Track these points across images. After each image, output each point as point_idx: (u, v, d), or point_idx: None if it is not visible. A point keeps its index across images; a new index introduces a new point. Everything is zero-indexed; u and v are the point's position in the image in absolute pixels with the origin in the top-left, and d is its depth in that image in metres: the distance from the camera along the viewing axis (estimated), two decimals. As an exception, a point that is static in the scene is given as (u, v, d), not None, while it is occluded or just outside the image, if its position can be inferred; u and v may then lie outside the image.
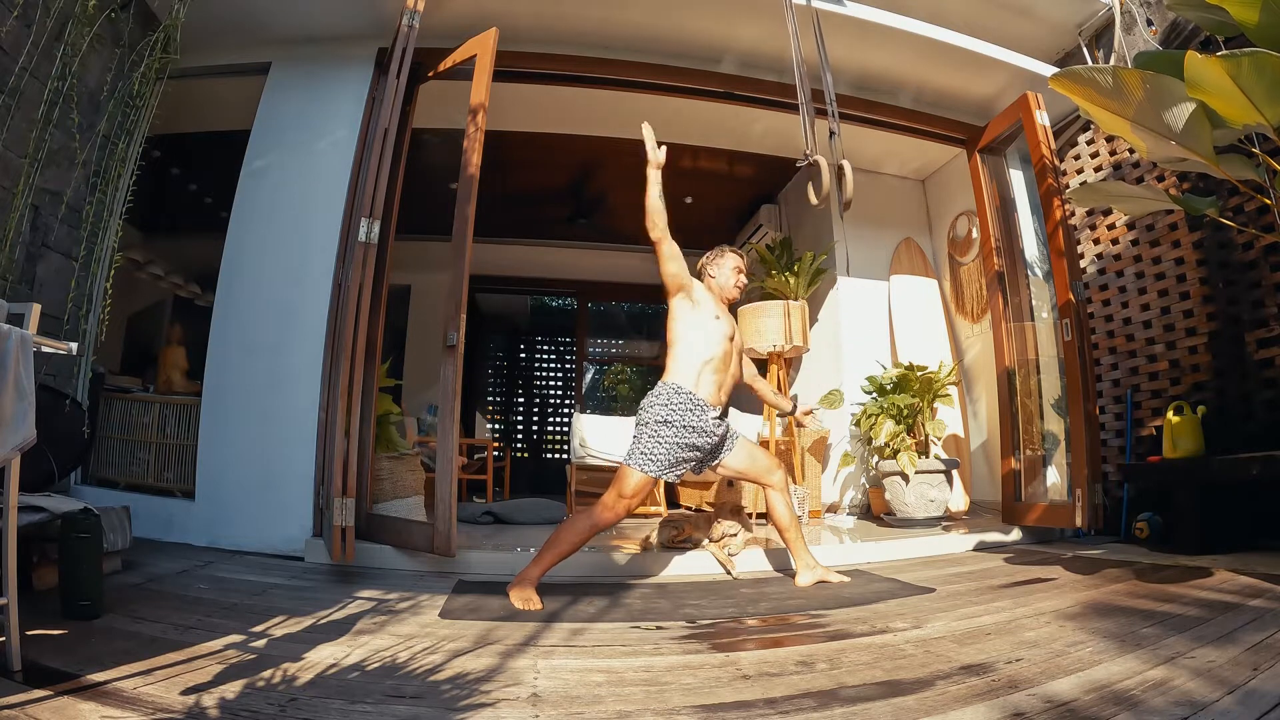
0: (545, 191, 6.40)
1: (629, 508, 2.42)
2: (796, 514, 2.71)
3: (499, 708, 1.31)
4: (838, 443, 4.73)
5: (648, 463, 2.40)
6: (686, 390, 2.44)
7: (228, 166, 3.44)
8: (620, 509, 2.40)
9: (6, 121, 2.50)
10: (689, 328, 2.50)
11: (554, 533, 2.43)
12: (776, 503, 2.62)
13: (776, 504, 2.62)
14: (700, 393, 2.45)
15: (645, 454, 2.41)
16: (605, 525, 2.41)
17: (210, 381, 3.24)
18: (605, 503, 2.41)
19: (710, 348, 2.49)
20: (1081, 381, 3.33)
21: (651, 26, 3.57)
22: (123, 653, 1.53)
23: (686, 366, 2.48)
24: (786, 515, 2.61)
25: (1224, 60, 1.90)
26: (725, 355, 2.53)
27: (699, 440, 2.44)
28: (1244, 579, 2.29)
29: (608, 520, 2.40)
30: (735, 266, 2.70)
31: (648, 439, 2.42)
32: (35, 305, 1.58)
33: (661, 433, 2.41)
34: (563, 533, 2.41)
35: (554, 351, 10.24)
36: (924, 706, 1.29)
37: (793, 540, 2.62)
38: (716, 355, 2.50)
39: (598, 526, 2.40)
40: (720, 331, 2.53)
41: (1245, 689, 1.27)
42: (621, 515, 2.41)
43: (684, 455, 2.44)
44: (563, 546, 2.38)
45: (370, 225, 2.84)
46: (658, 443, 2.41)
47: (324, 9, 3.33)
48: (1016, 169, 4.11)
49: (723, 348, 2.52)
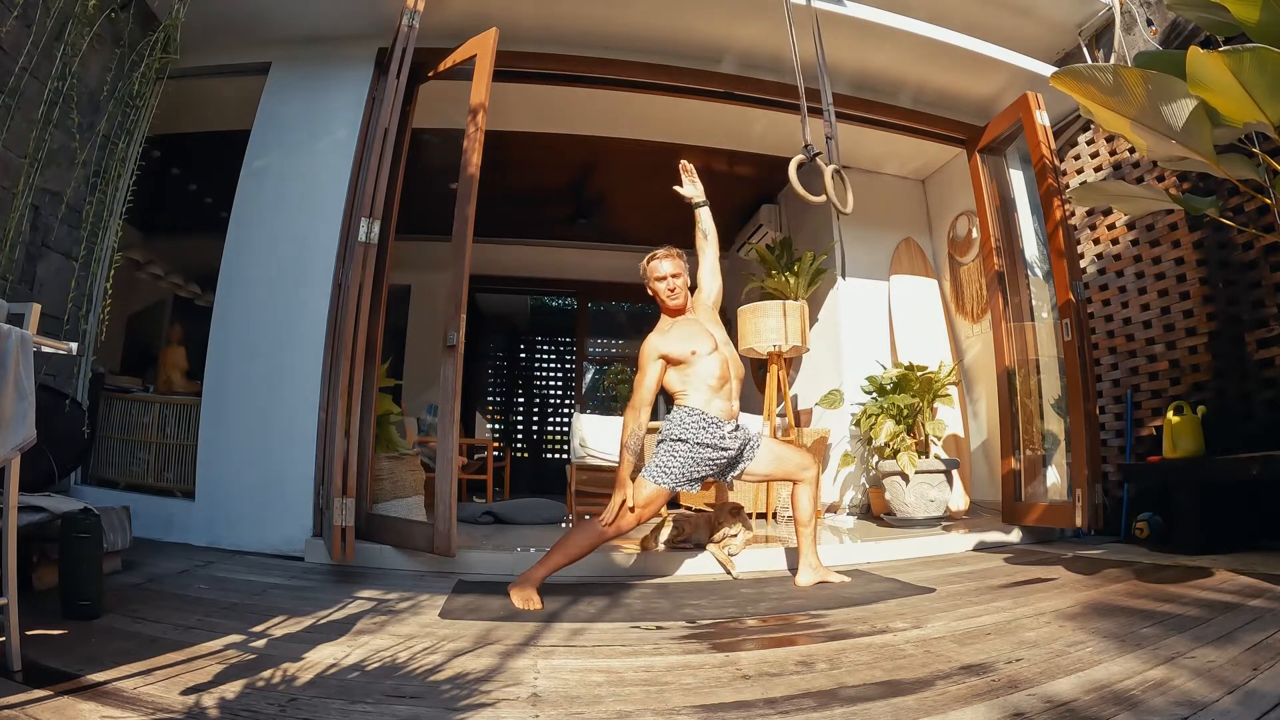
0: (545, 191, 6.40)
1: (640, 518, 2.43)
2: (818, 512, 2.72)
3: (499, 708, 1.31)
4: (838, 443, 4.72)
5: (662, 475, 2.45)
6: (699, 410, 2.49)
7: (228, 166, 3.44)
8: (630, 519, 2.41)
9: (6, 121, 2.50)
10: (683, 382, 2.54)
11: (563, 536, 2.45)
12: (801, 496, 2.62)
13: (801, 497, 2.63)
14: (712, 411, 2.50)
15: (660, 467, 2.46)
16: (615, 535, 2.42)
17: (210, 381, 3.24)
18: (617, 509, 2.41)
19: (710, 376, 2.52)
20: (1081, 381, 3.33)
21: (651, 26, 3.57)
22: (123, 653, 1.53)
23: (695, 396, 2.52)
24: (807, 510, 2.62)
25: (1226, 56, 1.90)
26: (723, 369, 2.54)
27: (714, 455, 2.49)
28: (1244, 579, 2.29)
29: (619, 529, 2.41)
30: (654, 276, 2.63)
31: (664, 454, 2.48)
32: (35, 305, 1.58)
33: (677, 449, 2.47)
34: (572, 536, 2.43)
35: (554, 351, 10.23)
36: (924, 706, 1.29)
37: (805, 537, 2.62)
38: (715, 375, 2.52)
39: (607, 535, 2.42)
40: (712, 362, 2.52)
41: (1245, 689, 1.27)
42: (632, 525, 2.43)
43: (699, 470, 2.48)
44: (571, 550, 2.40)
45: (370, 225, 2.84)
46: (672, 456, 2.46)
47: (324, 9, 3.33)
48: (1016, 169, 4.11)
49: (719, 371, 2.53)
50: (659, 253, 2.67)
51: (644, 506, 2.43)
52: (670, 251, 2.68)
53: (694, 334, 2.56)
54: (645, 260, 2.69)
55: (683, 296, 2.64)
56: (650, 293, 2.68)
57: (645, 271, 2.68)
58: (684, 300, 2.65)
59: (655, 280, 2.64)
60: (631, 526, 2.45)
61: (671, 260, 2.65)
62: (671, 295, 2.62)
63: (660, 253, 2.67)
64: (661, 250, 2.68)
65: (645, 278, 2.68)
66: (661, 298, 2.64)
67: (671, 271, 2.62)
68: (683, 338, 2.54)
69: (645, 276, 2.68)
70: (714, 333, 2.59)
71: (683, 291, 2.64)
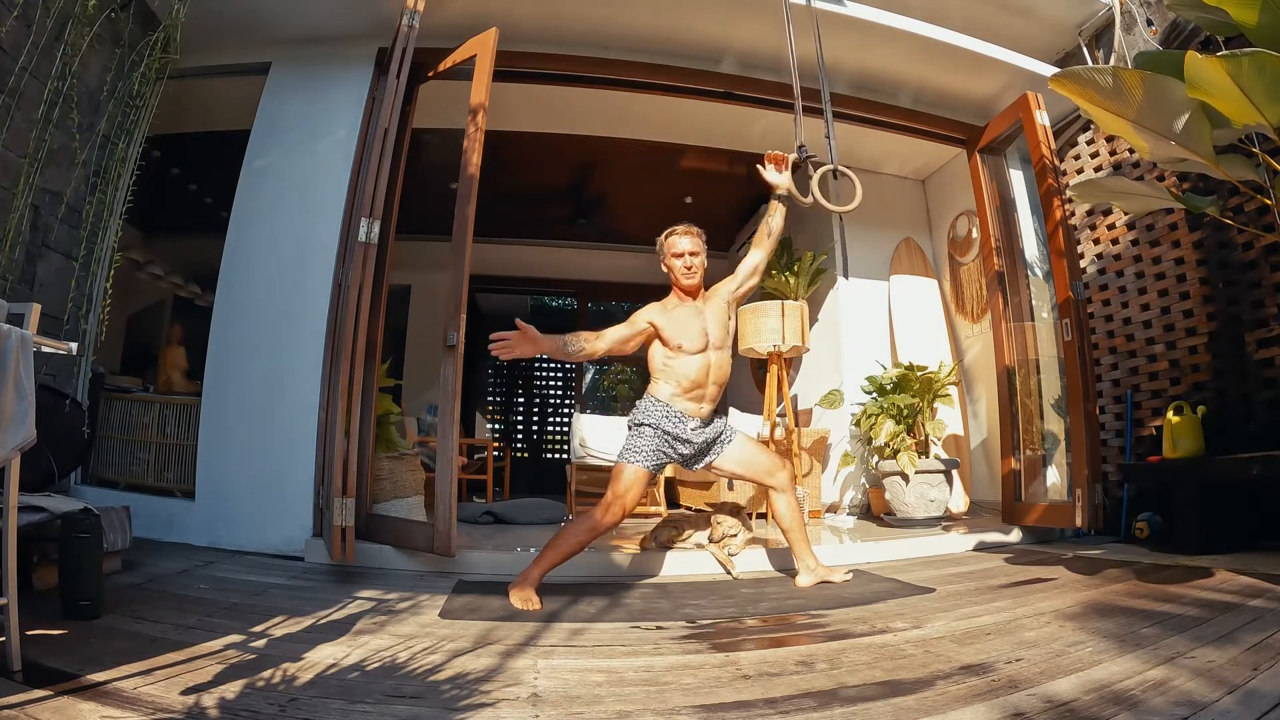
0: (545, 191, 6.40)
1: (625, 507, 2.42)
2: (801, 515, 2.70)
3: (499, 708, 1.31)
4: (838, 443, 4.72)
5: (632, 455, 2.47)
6: (663, 403, 2.50)
7: (228, 166, 3.44)
8: (617, 509, 2.40)
9: (6, 121, 2.50)
10: (661, 369, 2.52)
11: (556, 533, 2.45)
12: (778, 503, 2.60)
13: (777, 504, 2.60)
14: (677, 406, 2.50)
15: (629, 448, 2.49)
16: (605, 528, 2.42)
17: (210, 381, 3.24)
18: (604, 504, 2.43)
19: (684, 378, 2.49)
20: (1081, 381, 3.33)
21: (651, 26, 3.57)
22: (123, 653, 1.53)
23: (664, 388, 2.52)
24: (788, 516, 2.59)
25: (1224, 60, 1.90)
26: (701, 375, 2.50)
27: (678, 446, 2.51)
28: (1244, 579, 2.29)
29: (607, 523, 2.40)
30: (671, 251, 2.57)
31: (632, 437, 2.52)
32: (35, 305, 1.58)
33: (643, 431, 2.50)
34: (564, 533, 2.43)
35: (554, 351, 10.23)
36: (924, 706, 1.29)
37: (795, 541, 2.60)
38: (690, 379, 2.49)
39: (597, 530, 2.41)
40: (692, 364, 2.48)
41: (1245, 689, 1.27)
42: (619, 517, 2.42)
43: (666, 452, 2.50)
44: (563, 548, 2.39)
45: (370, 225, 2.84)
46: (639, 437, 2.49)
47: (324, 9, 3.33)
48: (1016, 169, 4.11)
49: (696, 375, 2.49)
50: (679, 228, 2.60)
51: (625, 493, 2.41)
52: (690, 229, 2.61)
53: (690, 327, 2.51)
54: (663, 235, 2.62)
55: (698, 277, 2.57)
56: (664, 269, 2.61)
57: (662, 247, 2.61)
58: (698, 282, 2.58)
59: (672, 256, 2.57)
60: (619, 518, 2.42)
61: (691, 238, 2.58)
62: (688, 274, 2.55)
63: (680, 229, 2.60)
64: (681, 226, 2.61)
65: (661, 253, 2.62)
66: (676, 274, 2.57)
67: (690, 249, 2.56)
68: (678, 324, 2.50)
69: (661, 251, 2.62)
70: (712, 330, 2.53)
71: (699, 271, 2.57)
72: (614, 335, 2.46)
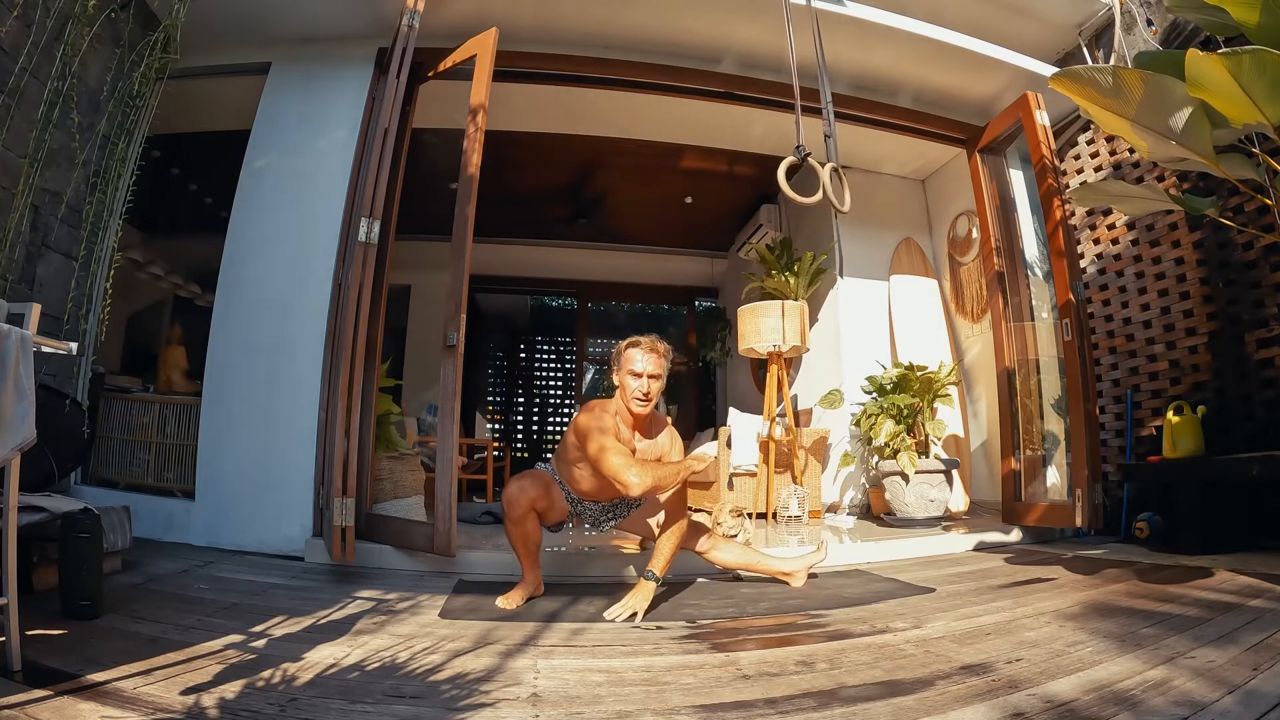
0: (545, 191, 6.40)
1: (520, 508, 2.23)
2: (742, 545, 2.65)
3: (499, 708, 1.31)
4: (838, 443, 4.72)
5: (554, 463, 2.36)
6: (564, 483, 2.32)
7: (228, 166, 3.44)
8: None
9: (6, 121, 2.50)
10: (578, 462, 2.19)
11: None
12: (721, 557, 2.49)
13: (721, 558, 2.49)
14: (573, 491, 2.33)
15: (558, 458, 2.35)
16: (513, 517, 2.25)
17: (210, 381, 3.24)
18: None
19: (583, 483, 2.25)
20: (1081, 381, 3.33)
21: (651, 27, 3.57)
22: (122, 653, 1.53)
23: (566, 474, 2.30)
24: (735, 558, 2.50)
25: (1225, 58, 1.90)
26: (598, 494, 2.27)
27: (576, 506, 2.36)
28: (1244, 579, 2.30)
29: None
30: (628, 367, 2.13)
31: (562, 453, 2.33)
32: (35, 305, 1.59)
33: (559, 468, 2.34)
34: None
35: (554, 351, 10.23)
36: (924, 706, 1.29)
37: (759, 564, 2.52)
38: (584, 489, 2.28)
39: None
40: (589, 482, 2.23)
41: (1245, 689, 1.27)
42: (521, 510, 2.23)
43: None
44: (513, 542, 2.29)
45: (370, 225, 2.84)
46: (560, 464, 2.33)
47: (324, 9, 3.33)
48: (1016, 169, 4.11)
49: (590, 490, 2.26)
50: (643, 342, 2.16)
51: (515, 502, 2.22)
52: (656, 346, 2.16)
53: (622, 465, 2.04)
54: (624, 344, 2.20)
55: (650, 406, 2.15)
56: (615, 380, 2.20)
57: (620, 357, 2.18)
58: (649, 412, 2.17)
59: (629, 372, 2.13)
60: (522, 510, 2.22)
61: (655, 358, 2.14)
62: (641, 401, 2.12)
63: (645, 343, 2.16)
64: (646, 340, 2.17)
65: (616, 363, 2.19)
66: (627, 396, 2.13)
67: (652, 371, 2.12)
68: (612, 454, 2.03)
69: (617, 362, 2.19)
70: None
71: (655, 400, 2.15)
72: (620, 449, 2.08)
